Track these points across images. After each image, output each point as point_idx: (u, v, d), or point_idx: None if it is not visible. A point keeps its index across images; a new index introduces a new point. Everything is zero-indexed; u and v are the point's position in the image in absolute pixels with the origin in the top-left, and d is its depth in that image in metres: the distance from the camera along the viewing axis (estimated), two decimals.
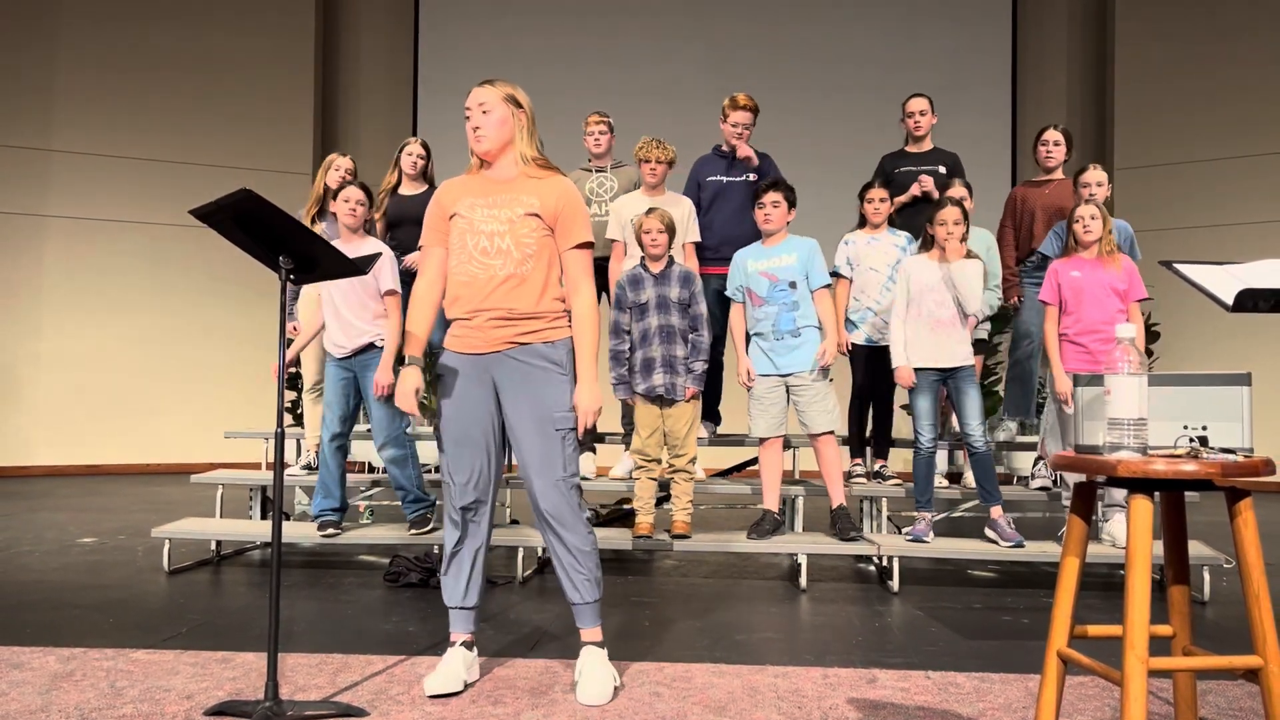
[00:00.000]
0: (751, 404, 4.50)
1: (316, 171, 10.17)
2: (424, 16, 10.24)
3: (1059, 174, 5.37)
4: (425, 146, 5.53)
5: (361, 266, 2.82)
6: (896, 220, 5.33)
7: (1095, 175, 4.83)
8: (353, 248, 4.42)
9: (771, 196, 4.44)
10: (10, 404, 9.05)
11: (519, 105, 2.91)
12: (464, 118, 2.91)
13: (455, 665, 2.86)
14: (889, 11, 9.97)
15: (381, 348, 4.43)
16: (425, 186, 5.54)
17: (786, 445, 4.96)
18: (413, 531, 4.57)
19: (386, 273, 4.45)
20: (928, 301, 4.41)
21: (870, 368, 5.02)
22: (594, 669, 2.83)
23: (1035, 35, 10.01)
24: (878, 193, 5.01)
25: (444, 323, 2.99)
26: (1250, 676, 1.92)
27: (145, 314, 9.45)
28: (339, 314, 4.47)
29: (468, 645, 2.94)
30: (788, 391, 4.45)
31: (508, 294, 2.81)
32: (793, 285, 4.40)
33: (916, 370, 4.43)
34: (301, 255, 2.66)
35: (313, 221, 5.26)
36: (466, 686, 2.86)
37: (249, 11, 9.87)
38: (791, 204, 4.48)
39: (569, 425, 2.84)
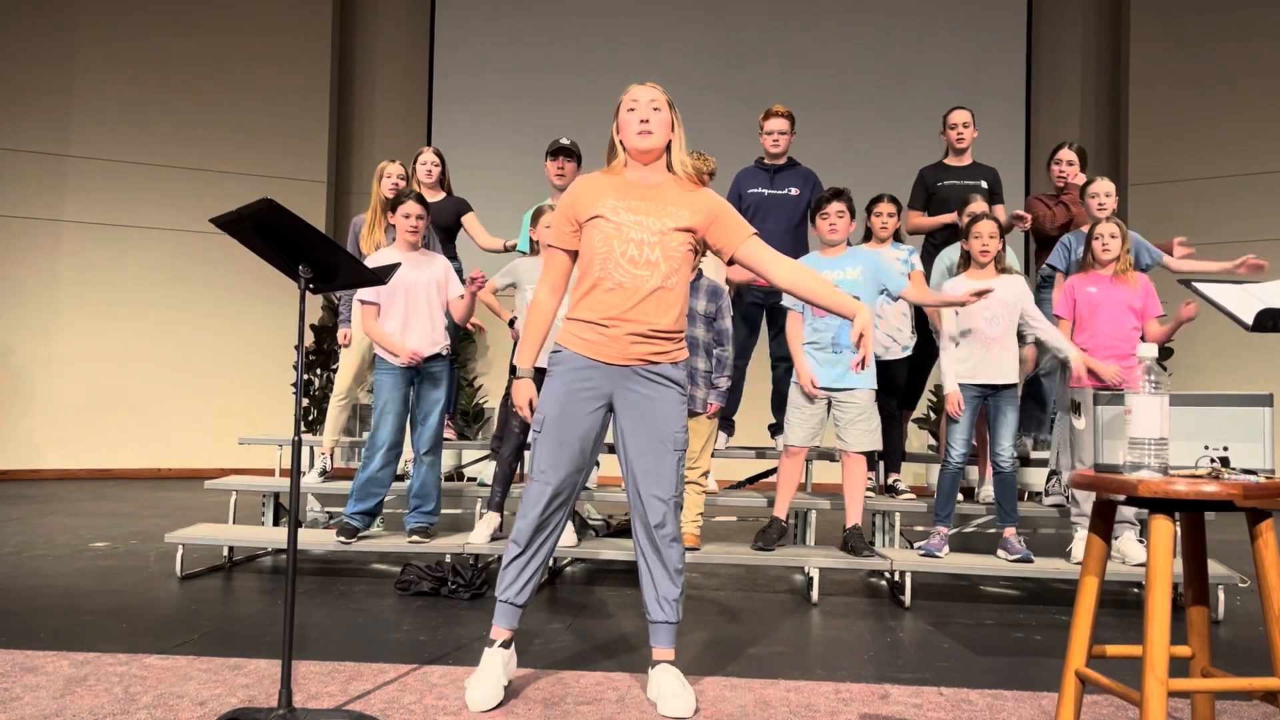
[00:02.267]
0: (791, 411, 4.45)
1: (330, 179, 10.25)
2: (439, 25, 10.29)
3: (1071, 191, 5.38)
4: (439, 154, 5.55)
5: (382, 276, 2.83)
6: (937, 238, 5.32)
7: (1103, 186, 4.81)
8: (421, 261, 4.47)
9: (836, 206, 4.38)
10: (22, 407, 9.09)
11: (679, 119, 2.90)
12: (627, 109, 2.83)
13: (494, 672, 2.83)
14: (901, 24, 9.97)
15: (446, 356, 4.53)
16: (442, 194, 5.55)
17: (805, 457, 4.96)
18: (413, 539, 4.55)
19: (455, 281, 4.56)
20: (976, 318, 4.37)
21: (878, 382, 5.00)
22: (675, 683, 2.81)
23: (1049, 49, 10.01)
24: (886, 206, 4.99)
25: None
26: (1270, 698, 1.91)
27: (158, 318, 9.49)
28: (409, 324, 4.45)
29: (506, 644, 2.92)
30: (829, 406, 4.42)
31: (652, 308, 2.78)
32: (855, 299, 4.34)
33: (960, 386, 4.40)
34: (321, 264, 2.67)
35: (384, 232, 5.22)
36: (506, 691, 2.83)
37: (265, 19, 9.93)
38: (854, 214, 4.45)
39: (685, 446, 2.89)
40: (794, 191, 5.23)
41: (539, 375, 2.97)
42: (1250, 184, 9.05)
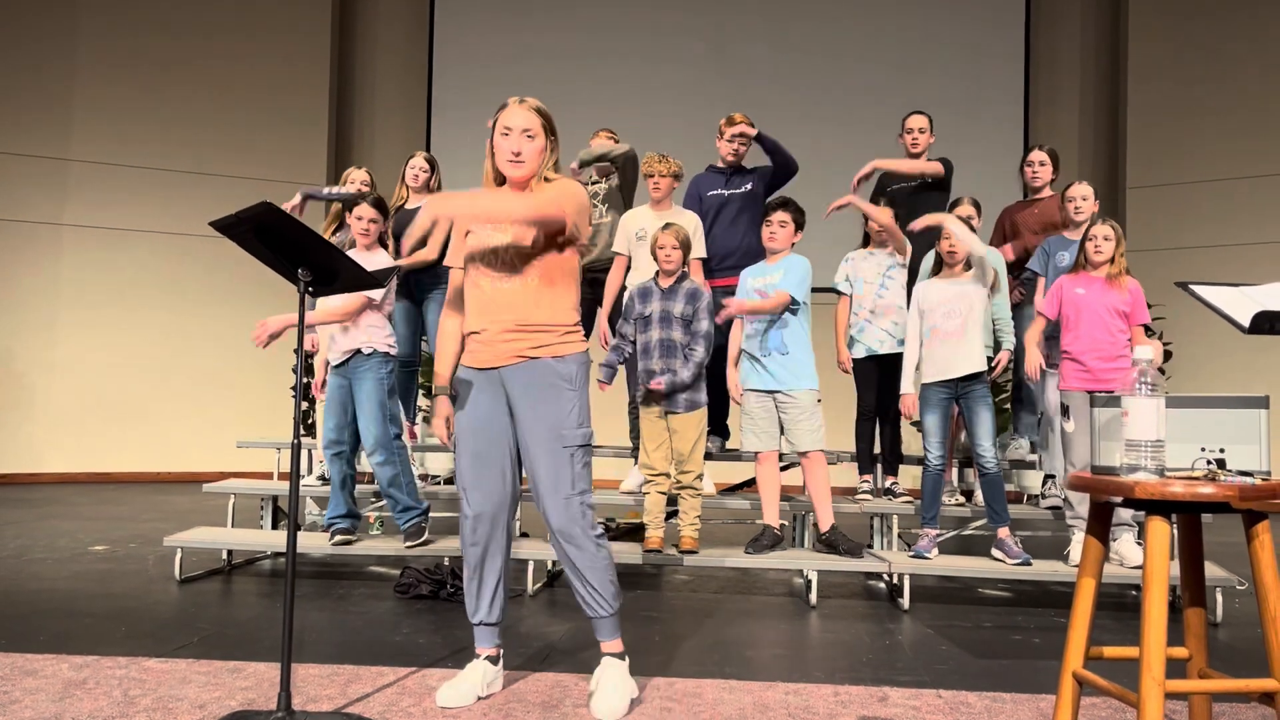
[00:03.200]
0: (743, 419, 4.54)
1: (330, 182, 10.23)
2: (438, 31, 10.30)
3: (1046, 193, 5.40)
4: (430, 161, 5.54)
5: (380, 279, 2.84)
6: (928, 237, 5.33)
7: (1081, 190, 4.87)
8: (365, 261, 4.45)
9: (780, 216, 4.47)
10: (23, 410, 9.09)
11: (554, 136, 2.86)
12: (501, 133, 2.79)
13: (472, 679, 2.87)
14: (899, 24, 9.98)
15: (369, 354, 4.40)
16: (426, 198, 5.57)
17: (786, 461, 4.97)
18: (407, 544, 4.52)
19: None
20: (935, 315, 4.44)
21: (876, 382, 5.01)
22: (611, 681, 2.82)
23: (1048, 49, 10.03)
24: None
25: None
26: (1266, 700, 1.92)
27: (159, 322, 9.50)
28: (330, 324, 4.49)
29: (491, 660, 2.95)
30: (778, 407, 4.47)
31: (515, 304, 2.78)
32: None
33: (926, 385, 4.45)
34: (320, 267, 2.68)
35: (332, 234, 5.29)
36: (480, 701, 2.86)
37: (265, 24, 9.94)
38: (799, 225, 4.50)
39: (578, 443, 2.81)
40: (749, 186, 5.25)
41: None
42: (1251, 186, 9.05)
